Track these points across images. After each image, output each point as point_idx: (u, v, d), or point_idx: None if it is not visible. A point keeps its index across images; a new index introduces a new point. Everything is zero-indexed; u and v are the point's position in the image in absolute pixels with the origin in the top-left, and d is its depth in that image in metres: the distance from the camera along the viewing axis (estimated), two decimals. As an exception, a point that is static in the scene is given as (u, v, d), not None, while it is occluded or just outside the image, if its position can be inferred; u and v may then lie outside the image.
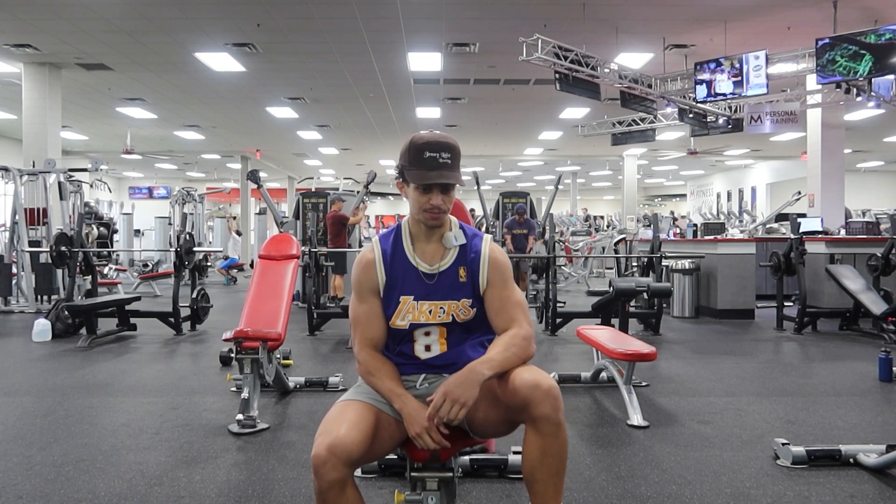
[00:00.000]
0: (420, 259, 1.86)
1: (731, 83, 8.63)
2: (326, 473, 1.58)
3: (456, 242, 1.86)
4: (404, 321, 1.84)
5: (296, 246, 4.56)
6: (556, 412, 1.64)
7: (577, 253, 12.84)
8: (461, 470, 2.66)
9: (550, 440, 1.65)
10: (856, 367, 4.93)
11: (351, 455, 1.61)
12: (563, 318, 6.55)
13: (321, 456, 1.59)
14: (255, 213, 18.89)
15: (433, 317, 1.84)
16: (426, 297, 1.83)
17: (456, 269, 1.85)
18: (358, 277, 1.87)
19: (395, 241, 1.89)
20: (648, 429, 3.37)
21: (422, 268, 1.85)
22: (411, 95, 12.68)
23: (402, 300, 1.83)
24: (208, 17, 8.29)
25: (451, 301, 1.84)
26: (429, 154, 1.77)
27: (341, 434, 1.62)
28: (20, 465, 2.84)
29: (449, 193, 1.80)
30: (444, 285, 1.84)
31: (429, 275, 1.85)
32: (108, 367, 5.00)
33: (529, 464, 1.69)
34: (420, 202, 1.80)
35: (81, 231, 6.93)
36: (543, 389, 1.64)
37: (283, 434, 3.31)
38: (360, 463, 1.67)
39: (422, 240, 1.88)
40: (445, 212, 1.82)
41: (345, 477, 1.61)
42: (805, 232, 7.47)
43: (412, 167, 1.79)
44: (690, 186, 30.09)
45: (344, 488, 1.62)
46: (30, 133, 10.37)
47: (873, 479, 2.65)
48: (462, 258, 1.86)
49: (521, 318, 1.83)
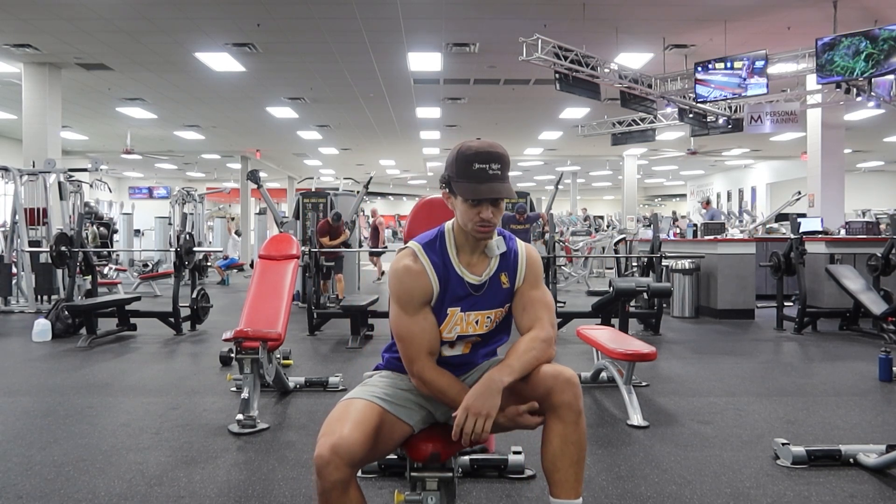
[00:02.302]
0: (466, 270, 1.82)
1: (731, 83, 8.64)
2: (329, 474, 1.58)
3: (499, 251, 1.83)
4: (451, 333, 1.82)
5: (296, 246, 4.56)
6: (577, 400, 1.68)
7: (577, 253, 12.84)
8: (461, 470, 2.67)
9: (572, 428, 1.68)
10: (856, 367, 4.93)
11: (354, 456, 1.60)
12: (563, 318, 6.54)
13: (324, 456, 1.58)
14: (255, 213, 18.89)
15: (480, 327, 1.84)
16: (472, 307, 1.82)
17: (499, 277, 1.84)
18: (406, 288, 1.78)
19: (441, 251, 1.82)
20: (648, 429, 3.37)
21: (468, 279, 1.81)
22: (411, 95, 12.68)
23: (449, 312, 1.81)
24: (208, 17, 8.29)
25: (498, 309, 1.85)
26: (478, 166, 1.70)
27: (344, 434, 1.61)
28: (20, 465, 2.84)
29: (499, 206, 1.75)
30: (490, 294, 1.84)
31: (475, 286, 1.82)
32: (108, 367, 5.00)
33: (550, 453, 1.70)
34: (469, 215, 1.74)
35: (81, 231, 6.93)
36: (565, 378, 1.68)
37: (283, 434, 3.31)
38: (363, 463, 1.66)
39: (466, 251, 1.83)
40: (496, 225, 1.78)
41: (348, 477, 1.61)
42: (805, 232, 7.47)
43: (460, 179, 1.72)
44: (690, 186, 30.09)
45: (347, 489, 1.62)
46: (30, 133, 10.36)
47: (873, 479, 2.65)
48: (504, 264, 1.85)
49: (546, 319, 1.82)
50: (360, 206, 10.25)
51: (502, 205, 1.77)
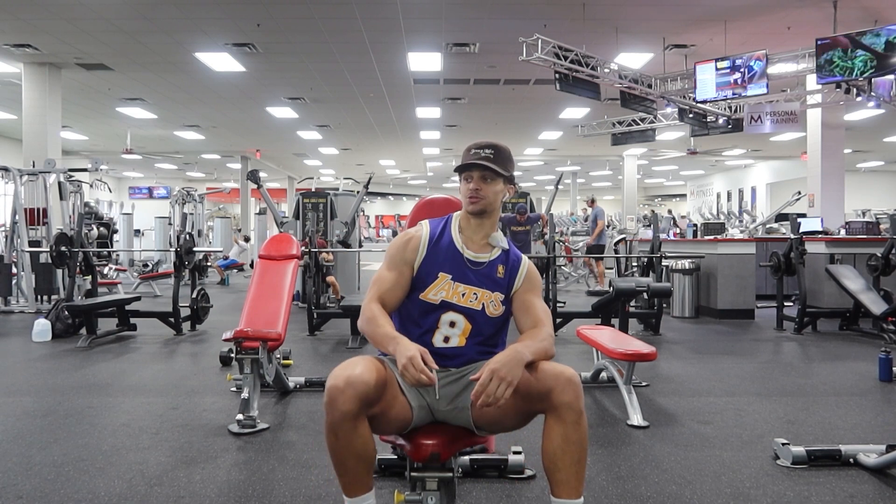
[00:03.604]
0: (466, 247, 1.96)
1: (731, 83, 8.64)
2: (342, 404, 1.62)
3: (501, 243, 1.99)
4: (437, 297, 1.91)
5: (296, 246, 4.56)
6: (578, 400, 1.71)
7: (577, 253, 12.85)
8: (461, 470, 2.66)
9: (572, 428, 1.70)
10: (856, 367, 4.92)
11: (368, 390, 1.65)
12: (563, 318, 6.54)
13: (338, 386, 1.63)
14: (255, 213, 18.89)
15: (465, 300, 1.92)
16: (463, 279, 1.93)
17: (496, 265, 1.97)
18: (397, 247, 1.97)
19: (444, 227, 2.00)
20: (648, 429, 3.37)
21: (466, 254, 1.96)
22: (411, 95, 12.68)
23: (440, 276, 1.92)
24: (208, 17, 8.29)
25: (486, 290, 1.93)
26: (473, 150, 1.95)
27: (357, 372, 1.67)
28: (20, 465, 2.84)
29: (488, 182, 1.93)
30: (483, 274, 1.95)
31: (472, 261, 1.95)
32: (108, 367, 5.00)
33: (552, 453, 1.72)
34: (462, 190, 1.96)
35: (81, 231, 6.93)
36: (566, 377, 1.71)
37: (283, 434, 3.31)
38: (372, 405, 1.69)
39: (469, 234, 1.99)
40: (483, 198, 1.93)
41: (358, 411, 1.64)
42: (805, 232, 7.47)
43: (461, 163, 1.95)
44: (690, 186, 30.10)
45: (356, 423, 1.65)
46: (30, 133, 10.37)
47: (873, 479, 2.65)
48: (504, 259, 1.99)
49: (546, 321, 1.93)
50: (361, 207, 10.25)
51: (494, 185, 1.94)
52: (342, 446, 1.66)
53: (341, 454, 1.68)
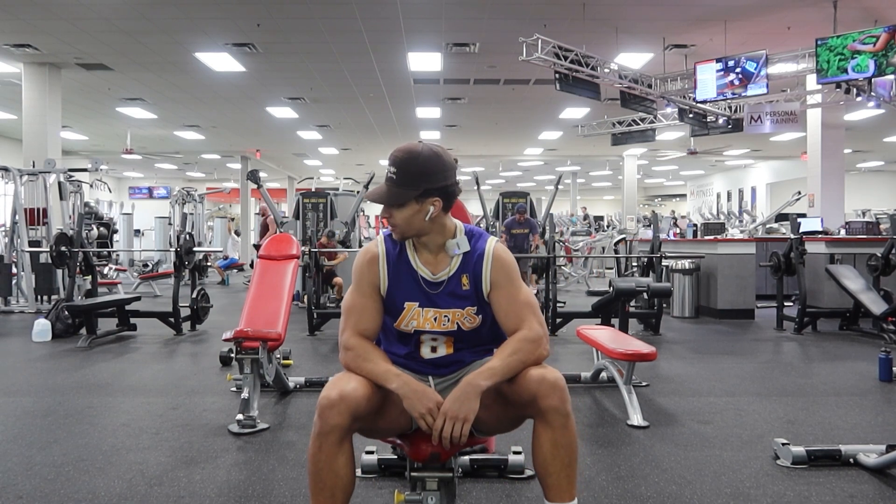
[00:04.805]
0: (423, 265, 1.82)
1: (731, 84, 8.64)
2: (332, 417, 1.61)
3: (459, 251, 1.81)
4: (409, 326, 1.84)
5: (296, 246, 4.56)
6: (564, 403, 1.67)
7: (577, 253, 12.84)
8: (461, 470, 2.66)
9: (560, 432, 1.67)
10: (856, 367, 4.93)
11: (358, 406, 1.64)
12: (563, 318, 6.55)
13: (332, 398, 1.62)
14: (255, 213, 18.88)
15: (438, 325, 1.82)
16: (430, 303, 1.81)
17: (458, 278, 1.81)
18: (360, 270, 1.85)
19: (400, 245, 1.85)
20: (648, 429, 3.37)
21: (424, 274, 1.82)
22: (411, 95, 12.68)
23: (406, 306, 1.82)
24: (208, 17, 8.29)
25: (456, 310, 1.82)
26: (387, 167, 1.78)
27: (351, 387, 1.66)
28: (20, 465, 2.84)
29: (396, 209, 1.75)
30: (447, 294, 1.81)
31: (431, 283, 1.81)
32: (108, 367, 5.00)
33: (542, 458, 1.70)
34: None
35: (81, 231, 6.93)
36: (550, 382, 1.66)
37: (283, 434, 3.31)
38: (363, 421, 1.69)
39: (425, 249, 1.84)
40: (397, 226, 1.77)
41: (347, 426, 1.64)
42: (805, 232, 7.47)
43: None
44: (690, 186, 30.09)
45: (342, 440, 1.65)
46: (30, 133, 10.37)
47: (873, 479, 2.65)
48: (465, 265, 1.81)
49: (531, 318, 1.78)
50: (361, 207, 10.25)
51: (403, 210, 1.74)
52: (324, 459, 1.64)
53: (320, 467, 1.64)
